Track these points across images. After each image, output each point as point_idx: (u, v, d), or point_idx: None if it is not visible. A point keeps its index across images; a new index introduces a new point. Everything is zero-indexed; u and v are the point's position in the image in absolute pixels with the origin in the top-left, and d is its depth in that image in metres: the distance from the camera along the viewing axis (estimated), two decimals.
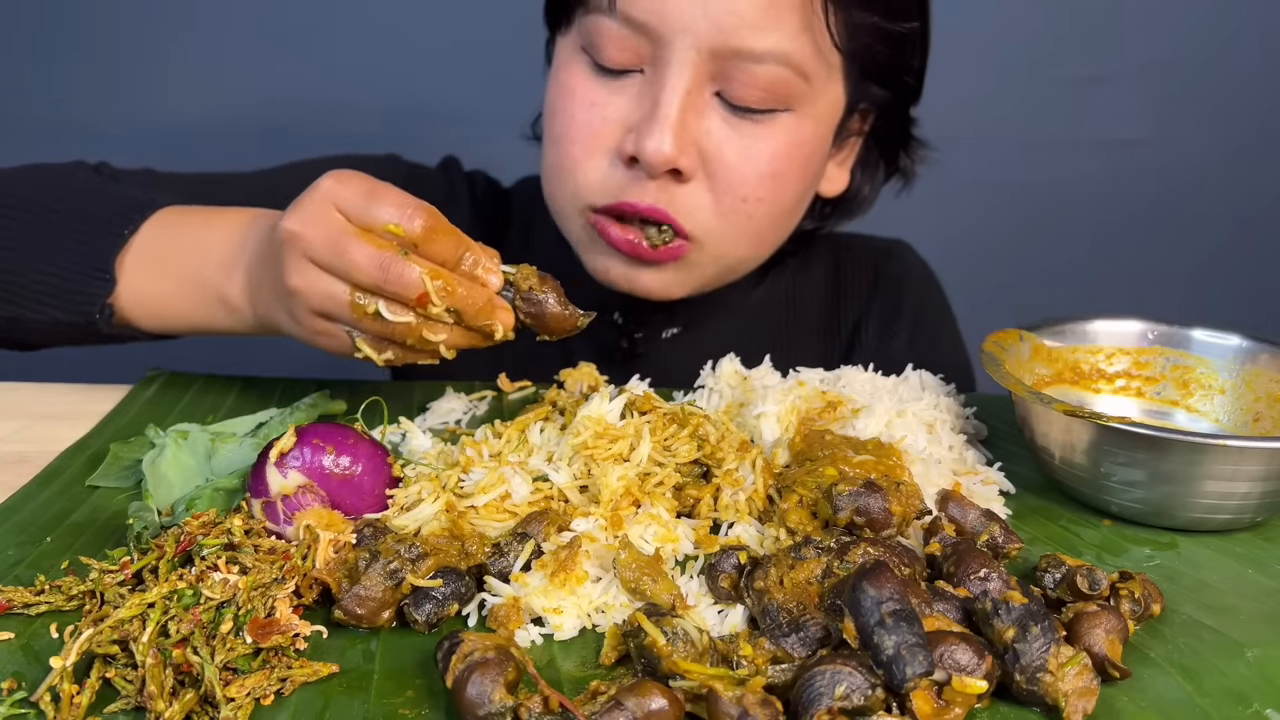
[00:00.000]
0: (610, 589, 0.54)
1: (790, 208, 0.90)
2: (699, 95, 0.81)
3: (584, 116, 0.84)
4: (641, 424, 0.65)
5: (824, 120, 0.87)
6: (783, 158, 0.84)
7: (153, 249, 0.76)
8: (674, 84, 0.79)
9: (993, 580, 0.51)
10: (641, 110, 0.81)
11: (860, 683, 0.43)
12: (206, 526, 0.56)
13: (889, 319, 1.07)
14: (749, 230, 0.87)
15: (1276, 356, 0.74)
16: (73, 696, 0.44)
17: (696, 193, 0.83)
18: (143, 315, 0.77)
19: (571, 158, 0.85)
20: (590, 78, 0.84)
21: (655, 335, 1.01)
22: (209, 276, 0.74)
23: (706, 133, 0.82)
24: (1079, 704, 0.45)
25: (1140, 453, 0.62)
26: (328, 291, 0.64)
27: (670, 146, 0.79)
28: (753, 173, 0.83)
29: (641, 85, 0.82)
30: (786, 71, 0.80)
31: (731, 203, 0.84)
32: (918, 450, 0.67)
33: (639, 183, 0.82)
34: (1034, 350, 0.77)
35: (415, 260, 0.62)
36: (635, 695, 0.42)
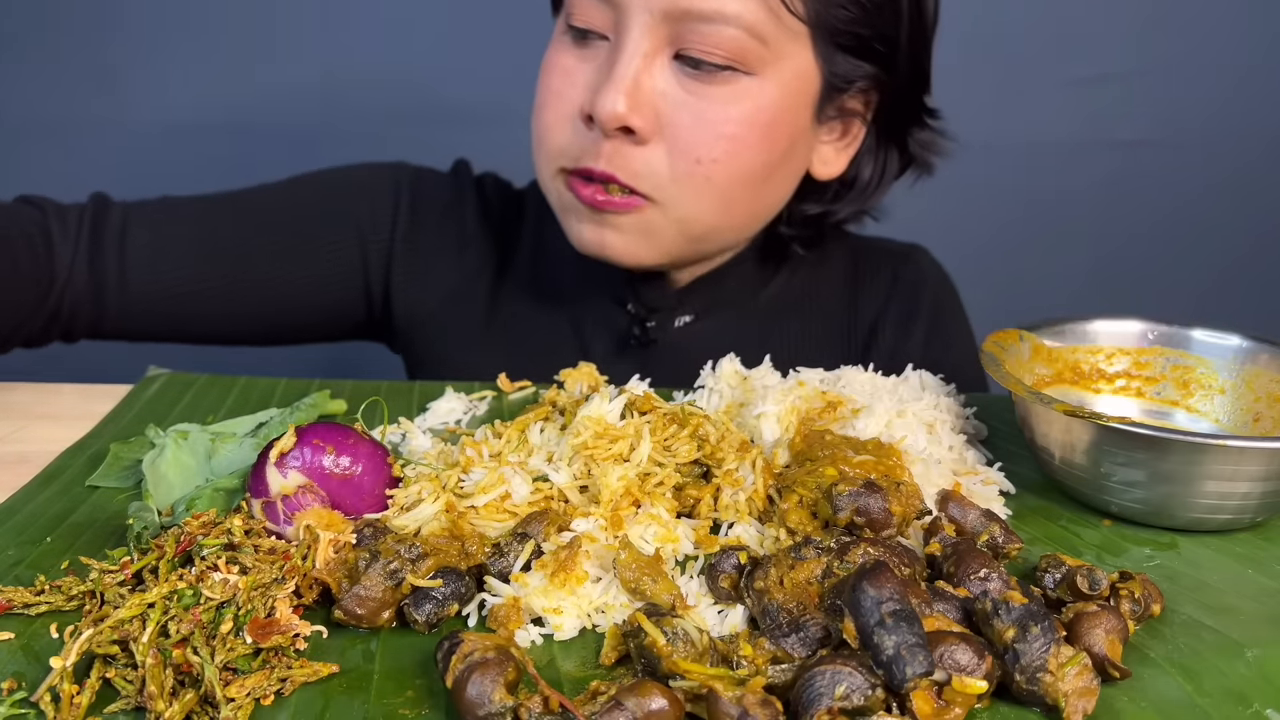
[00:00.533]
0: (610, 589, 0.54)
1: (755, 175, 0.89)
2: (655, 57, 0.83)
3: (557, 84, 0.88)
4: (641, 424, 0.65)
5: (790, 88, 0.87)
6: (740, 121, 0.85)
7: None
8: (630, 47, 0.82)
9: (993, 580, 0.51)
10: (602, 73, 0.84)
11: (860, 683, 0.43)
12: (206, 526, 0.56)
13: (906, 320, 1.07)
14: (708, 193, 0.87)
15: (1276, 356, 0.74)
16: (73, 696, 0.44)
17: (652, 155, 0.85)
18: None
19: (545, 123, 0.89)
20: (567, 48, 0.88)
21: (668, 323, 1.01)
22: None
23: (662, 95, 0.84)
24: (1079, 704, 0.45)
25: (1140, 453, 0.62)
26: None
27: (621, 105, 0.81)
28: (708, 134, 0.84)
29: (606, 51, 0.85)
30: (740, 33, 0.81)
31: (687, 165, 0.85)
32: (918, 450, 0.67)
33: (597, 145, 0.84)
34: (1034, 350, 0.77)
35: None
36: (635, 695, 0.42)
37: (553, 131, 0.88)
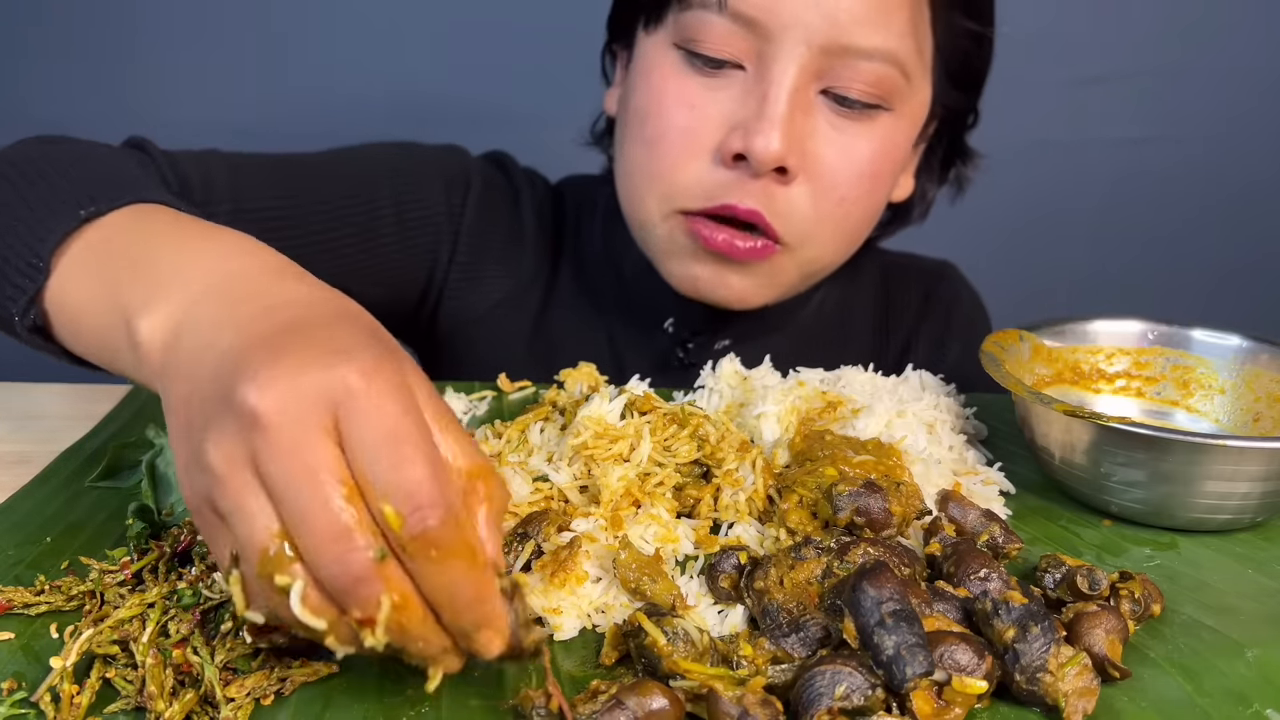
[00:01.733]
0: (610, 589, 0.54)
1: (878, 209, 0.90)
2: (806, 93, 0.80)
3: (683, 118, 0.82)
4: (641, 424, 0.65)
5: (915, 121, 0.87)
6: (880, 158, 0.84)
7: (102, 244, 0.57)
8: (782, 80, 0.78)
9: (993, 580, 0.51)
10: (747, 108, 0.80)
11: (860, 683, 0.43)
12: None
13: (939, 337, 1.07)
14: (842, 232, 0.87)
15: (1276, 356, 0.74)
16: (73, 696, 0.44)
17: (795, 195, 0.82)
18: (58, 322, 0.58)
19: (668, 161, 0.83)
20: (686, 76, 0.82)
21: (708, 345, 0.99)
22: (126, 294, 0.51)
23: (810, 132, 0.81)
24: (1079, 704, 0.45)
25: (1140, 453, 0.62)
26: (251, 510, 0.41)
27: (779, 144, 0.78)
28: (853, 173, 0.83)
29: (745, 82, 0.81)
30: (891, 70, 0.80)
31: (829, 205, 0.83)
32: (918, 450, 0.67)
33: (741, 183, 0.81)
34: (1034, 350, 0.77)
35: (389, 571, 0.40)
36: (636, 695, 0.42)
37: (680, 170, 0.83)
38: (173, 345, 0.47)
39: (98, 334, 0.55)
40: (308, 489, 0.40)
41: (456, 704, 0.46)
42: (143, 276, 0.51)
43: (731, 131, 0.80)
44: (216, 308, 0.47)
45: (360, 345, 0.43)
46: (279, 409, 0.40)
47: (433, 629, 0.42)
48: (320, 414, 0.40)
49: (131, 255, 0.54)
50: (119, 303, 0.51)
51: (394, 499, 0.40)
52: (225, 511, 0.41)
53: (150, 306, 0.49)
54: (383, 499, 0.40)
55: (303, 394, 0.40)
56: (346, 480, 0.40)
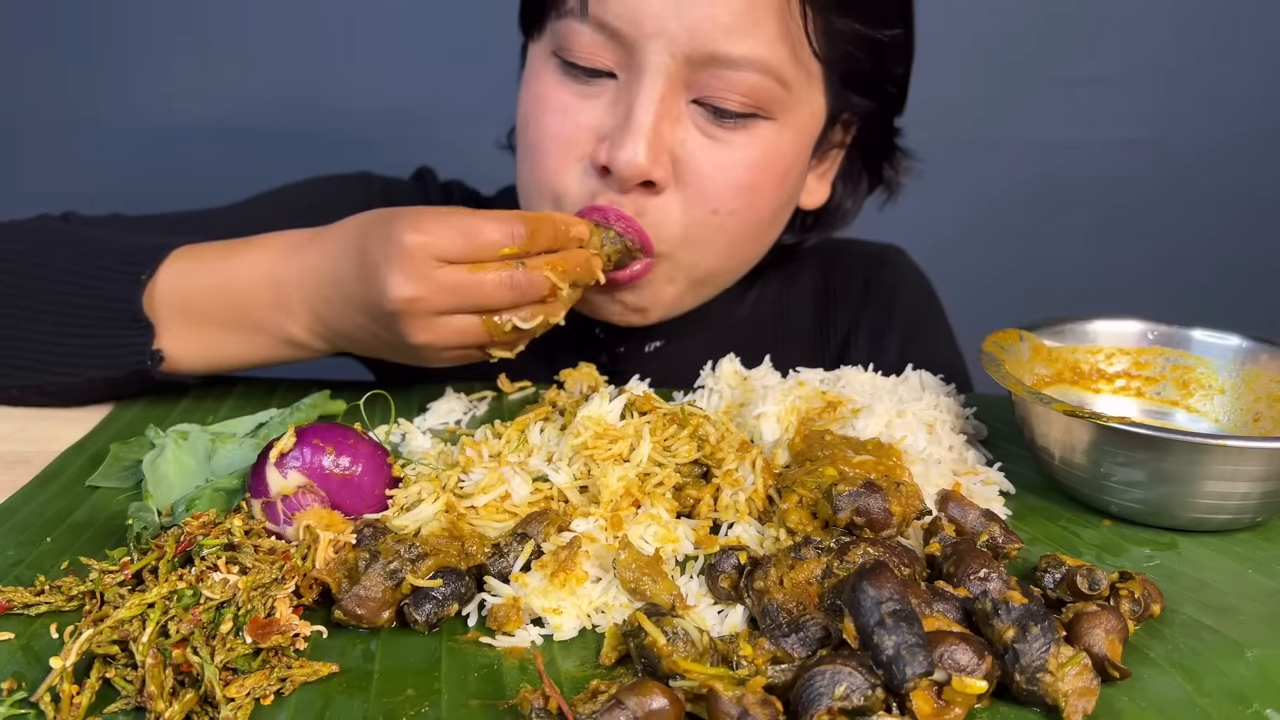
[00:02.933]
0: (610, 589, 0.54)
1: (766, 220, 0.87)
2: (674, 103, 0.78)
3: (556, 125, 0.81)
4: (641, 424, 0.65)
5: (804, 130, 0.85)
6: (759, 169, 0.82)
7: (178, 297, 0.75)
8: (648, 92, 0.76)
9: (993, 580, 0.51)
10: (614, 118, 0.79)
11: (860, 683, 0.43)
12: (206, 526, 0.56)
13: (879, 330, 1.05)
14: (719, 242, 0.84)
15: (1276, 356, 0.74)
16: (73, 697, 0.44)
17: (667, 204, 0.81)
18: (191, 362, 0.77)
19: (547, 169, 0.82)
20: (562, 84, 0.82)
21: (638, 350, 0.99)
22: (262, 320, 0.75)
23: (681, 142, 0.79)
24: (1079, 704, 0.45)
25: (1140, 453, 0.62)
26: (460, 329, 0.70)
27: (643, 157, 0.76)
28: (725, 184, 0.81)
29: (615, 91, 0.80)
30: (765, 79, 0.78)
31: (702, 214, 0.81)
32: (918, 450, 0.67)
33: (609, 194, 0.80)
34: (1034, 350, 0.77)
35: (533, 264, 0.70)
36: (636, 695, 0.42)
37: (559, 177, 0.82)
38: (326, 331, 0.75)
39: (250, 353, 0.77)
40: (467, 291, 0.68)
41: (456, 704, 0.46)
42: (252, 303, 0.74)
43: (600, 143, 0.79)
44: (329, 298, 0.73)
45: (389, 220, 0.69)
46: (412, 282, 0.67)
47: (571, 255, 0.73)
48: (427, 264, 0.67)
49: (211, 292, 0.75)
50: (260, 327, 0.75)
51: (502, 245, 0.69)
52: (452, 345, 0.71)
53: (289, 318, 0.74)
54: (498, 253, 0.69)
55: (412, 264, 0.67)
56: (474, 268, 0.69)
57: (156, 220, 0.95)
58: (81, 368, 0.76)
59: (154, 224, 0.94)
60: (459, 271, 0.68)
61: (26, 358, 0.77)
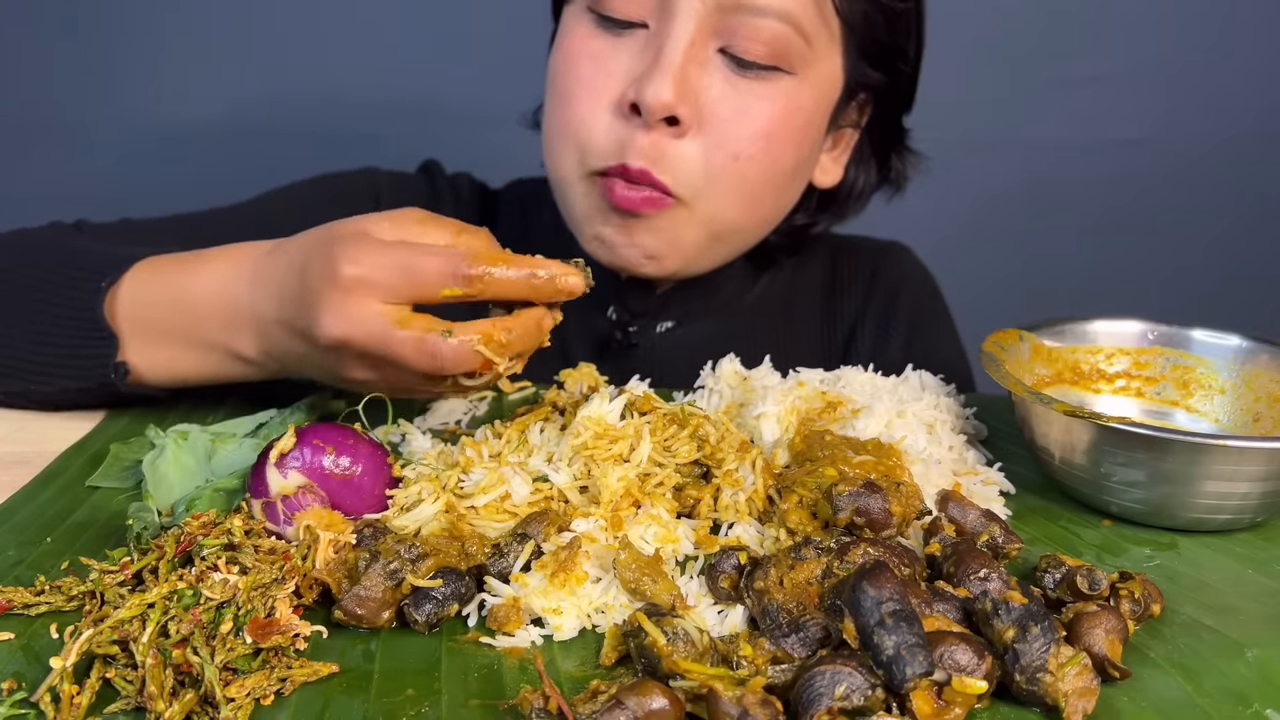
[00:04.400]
0: (610, 589, 0.54)
1: (785, 175, 0.89)
2: (702, 48, 0.82)
3: (589, 71, 0.84)
4: (641, 424, 0.65)
5: (822, 91, 0.87)
6: (779, 119, 0.84)
7: (138, 310, 0.73)
8: (678, 34, 0.80)
9: (993, 580, 0.51)
10: (645, 61, 0.82)
11: (860, 683, 0.43)
12: (206, 527, 0.56)
13: (884, 322, 1.07)
14: (740, 191, 0.86)
15: (1276, 356, 0.74)
16: (73, 697, 0.44)
17: (688, 150, 0.83)
18: (155, 376, 0.75)
19: (577, 115, 0.85)
20: (595, 35, 0.85)
21: (650, 329, 1.01)
22: (213, 336, 0.72)
23: (706, 87, 0.82)
24: (1079, 704, 0.45)
25: (1140, 453, 0.62)
26: (396, 378, 0.67)
27: (669, 93, 0.79)
28: (747, 130, 0.84)
29: (646, 38, 0.83)
30: (788, 29, 0.81)
31: (723, 159, 0.84)
32: (918, 450, 0.67)
33: (635, 139, 0.82)
34: (1034, 350, 0.77)
35: (463, 331, 0.63)
36: (636, 695, 0.42)
37: (586, 123, 0.84)
38: (273, 351, 0.70)
39: (202, 369, 0.74)
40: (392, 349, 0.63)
41: (456, 704, 0.46)
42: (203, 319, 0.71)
43: (630, 84, 0.82)
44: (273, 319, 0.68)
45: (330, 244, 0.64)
46: (343, 323, 0.63)
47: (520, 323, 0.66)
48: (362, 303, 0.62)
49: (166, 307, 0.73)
50: (210, 344, 0.72)
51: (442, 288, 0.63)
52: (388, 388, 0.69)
53: (236, 337, 0.71)
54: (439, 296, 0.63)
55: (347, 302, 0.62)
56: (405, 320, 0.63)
57: (165, 223, 0.95)
58: (56, 378, 0.76)
59: (162, 226, 0.94)
60: (386, 322, 0.62)
61: (8, 365, 0.77)
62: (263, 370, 0.73)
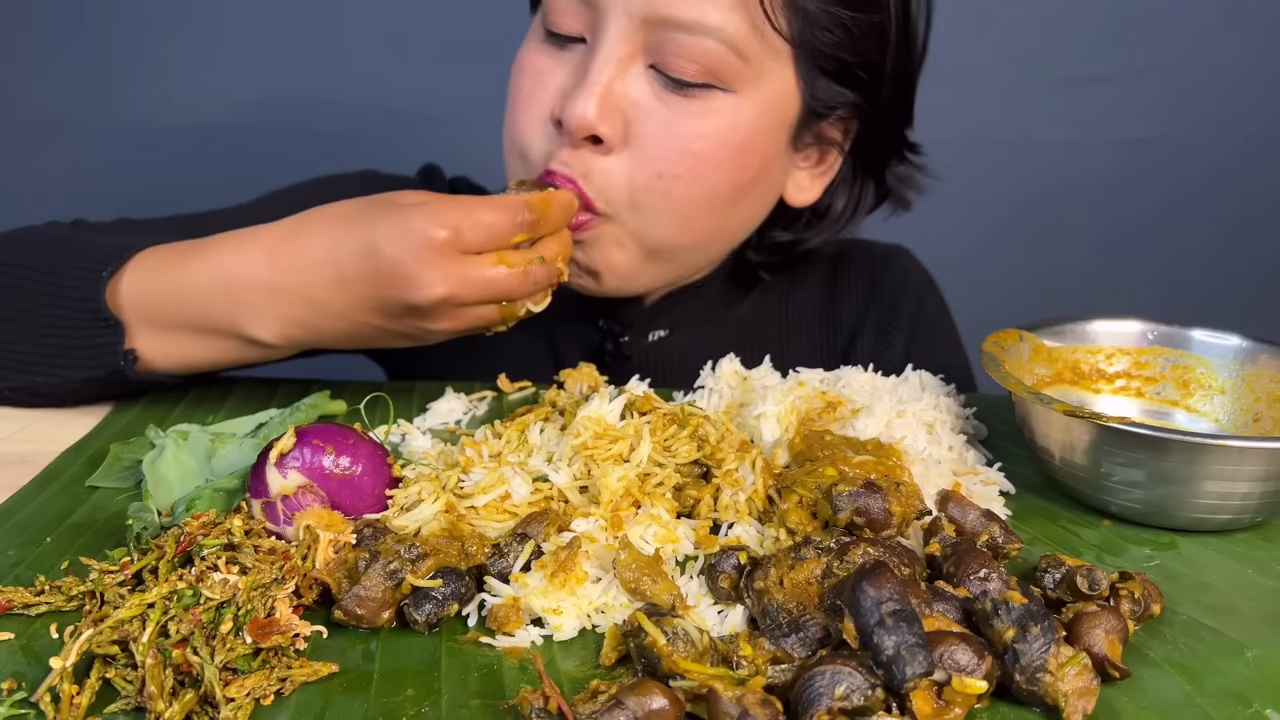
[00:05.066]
0: (610, 589, 0.54)
1: (720, 195, 0.86)
2: (630, 64, 0.80)
3: (529, 85, 0.85)
4: (641, 424, 0.65)
5: (768, 109, 0.84)
6: (708, 138, 0.82)
7: (143, 300, 0.75)
8: (605, 50, 0.79)
9: (993, 580, 0.51)
10: (576, 77, 0.82)
11: (860, 683, 0.43)
12: (206, 527, 0.56)
13: (885, 328, 1.06)
14: (667, 209, 0.84)
15: (1276, 356, 0.74)
16: (73, 697, 0.44)
17: (614, 166, 0.82)
18: (165, 364, 0.77)
19: (517, 127, 0.86)
20: (542, 50, 0.85)
21: (641, 338, 1.00)
22: (221, 322, 0.73)
23: (634, 104, 0.81)
24: (1079, 704, 0.45)
25: (1140, 453, 0.62)
26: (479, 315, 0.73)
27: (592, 111, 0.78)
28: (672, 148, 0.81)
29: (581, 54, 0.83)
30: (719, 46, 0.79)
31: (646, 178, 0.82)
32: (918, 450, 0.67)
33: (562, 151, 0.82)
34: (1034, 350, 0.77)
35: (549, 257, 0.74)
36: (636, 695, 0.42)
37: (525, 136, 0.84)
38: (301, 330, 0.73)
39: (215, 356, 0.76)
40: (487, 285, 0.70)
41: (456, 704, 0.46)
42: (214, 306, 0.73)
43: (561, 99, 0.82)
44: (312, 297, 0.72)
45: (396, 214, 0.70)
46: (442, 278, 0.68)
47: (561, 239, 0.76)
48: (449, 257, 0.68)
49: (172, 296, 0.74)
50: (223, 330, 0.74)
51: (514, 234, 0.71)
52: (467, 329, 0.74)
53: (254, 322, 0.72)
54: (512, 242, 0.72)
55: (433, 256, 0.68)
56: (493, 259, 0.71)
57: (163, 223, 0.95)
58: (63, 369, 0.76)
59: (161, 226, 0.94)
60: (485, 266, 0.70)
61: (12, 358, 0.77)
62: (277, 353, 0.76)
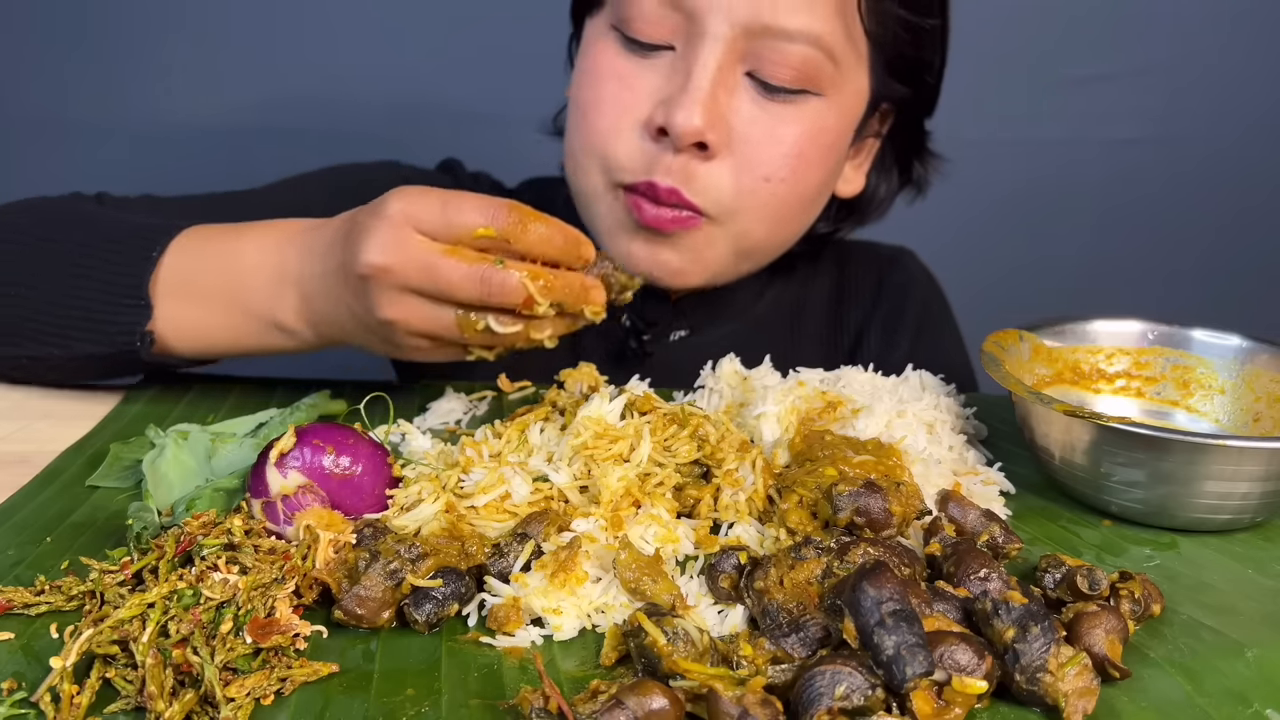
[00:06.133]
0: (610, 589, 0.54)
1: (813, 193, 0.90)
2: (730, 73, 0.82)
3: (614, 90, 0.85)
4: (641, 424, 0.65)
5: (848, 110, 0.88)
6: (807, 140, 0.85)
7: (180, 274, 0.75)
8: (706, 59, 0.80)
9: (993, 580, 0.51)
10: (673, 85, 0.82)
11: (860, 683, 0.43)
12: (206, 526, 0.56)
13: (891, 327, 1.07)
14: (770, 210, 0.87)
15: (1276, 356, 0.74)
16: (73, 696, 0.44)
17: (717, 171, 0.84)
18: (182, 342, 0.76)
19: (600, 132, 0.86)
20: (621, 55, 0.85)
21: (663, 337, 1.01)
22: (254, 302, 0.73)
23: (735, 110, 0.83)
24: (1079, 704, 0.45)
25: (1140, 453, 0.62)
26: (430, 316, 0.66)
27: (700, 119, 0.79)
28: (777, 153, 0.84)
29: (673, 61, 0.83)
30: (817, 53, 0.81)
31: (753, 181, 0.84)
32: (918, 450, 0.67)
33: (663, 159, 0.82)
34: (1034, 350, 0.77)
35: (512, 265, 0.65)
36: (636, 694, 0.42)
37: (610, 142, 0.85)
38: (312, 315, 0.72)
39: (238, 338, 0.75)
40: (434, 271, 0.64)
41: (456, 704, 0.46)
42: (247, 285, 0.73)
43: (657, 107, 0.82)
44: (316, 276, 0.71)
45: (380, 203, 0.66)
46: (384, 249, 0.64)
47: (562, 276, 0.67)
48: (404, 232, 0.64)
49: (213, 273, 0.75)
50: (249, 310, 0.73)
51: (478, 225, 0.64)
52: (421, 331, 0.67)
53: (278, 302, 0.72)
54: (473, 233, 0.64)
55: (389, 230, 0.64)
56: (448, 250, 0.64)
57: (190, 202, 0.96)
58: (75, 342, 0.76)
59: (187, 205, 0.95)
60: (433, 250, 0.64)
61: (32, 328, 0.77)
62: (298, 341, 0.74)
